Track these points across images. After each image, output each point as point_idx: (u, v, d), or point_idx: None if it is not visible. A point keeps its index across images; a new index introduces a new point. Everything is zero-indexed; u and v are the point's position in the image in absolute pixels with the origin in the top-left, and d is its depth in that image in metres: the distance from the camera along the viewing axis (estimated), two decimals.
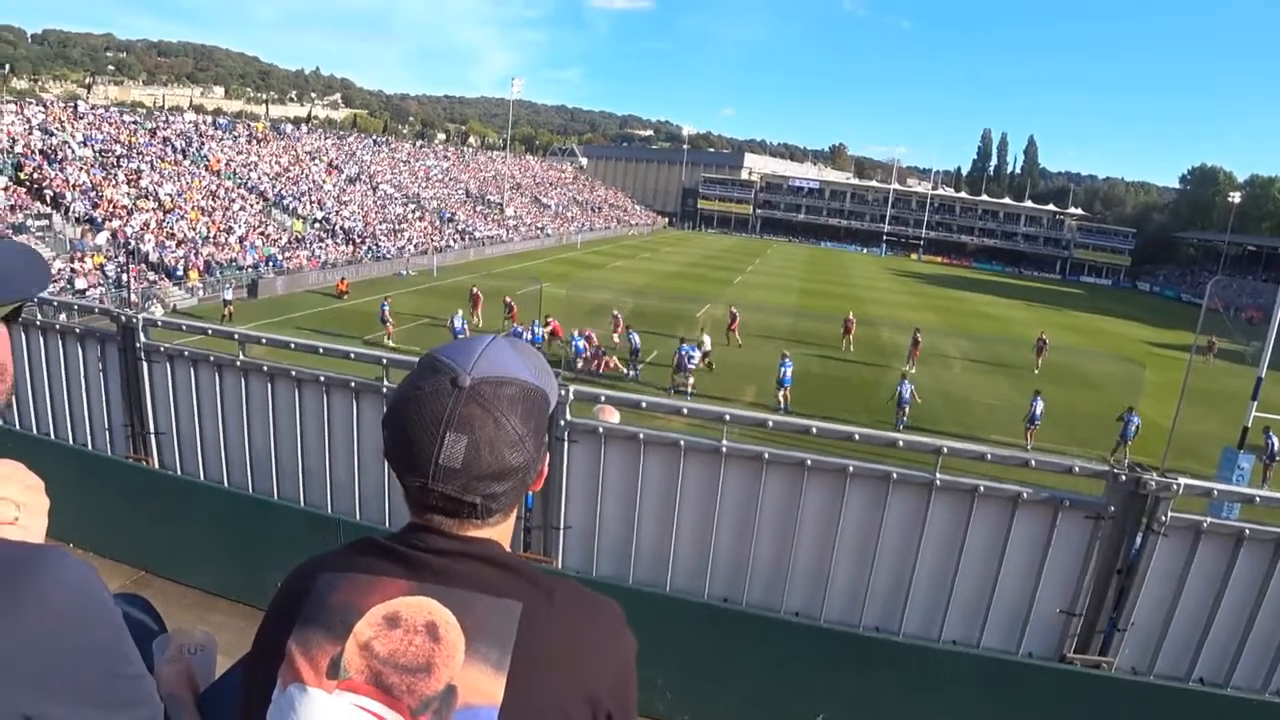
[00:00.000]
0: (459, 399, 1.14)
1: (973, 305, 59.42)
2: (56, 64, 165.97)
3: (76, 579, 0.98)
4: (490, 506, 1.18)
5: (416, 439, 1.14)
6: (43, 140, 41.72)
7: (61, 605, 0.95)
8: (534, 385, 1.22)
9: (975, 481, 3.94)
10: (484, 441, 1.14)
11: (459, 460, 1.13)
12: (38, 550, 0.99)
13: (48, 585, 0.95)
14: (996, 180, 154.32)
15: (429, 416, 1.14)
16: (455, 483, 1.14)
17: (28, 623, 0.91)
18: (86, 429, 5.95)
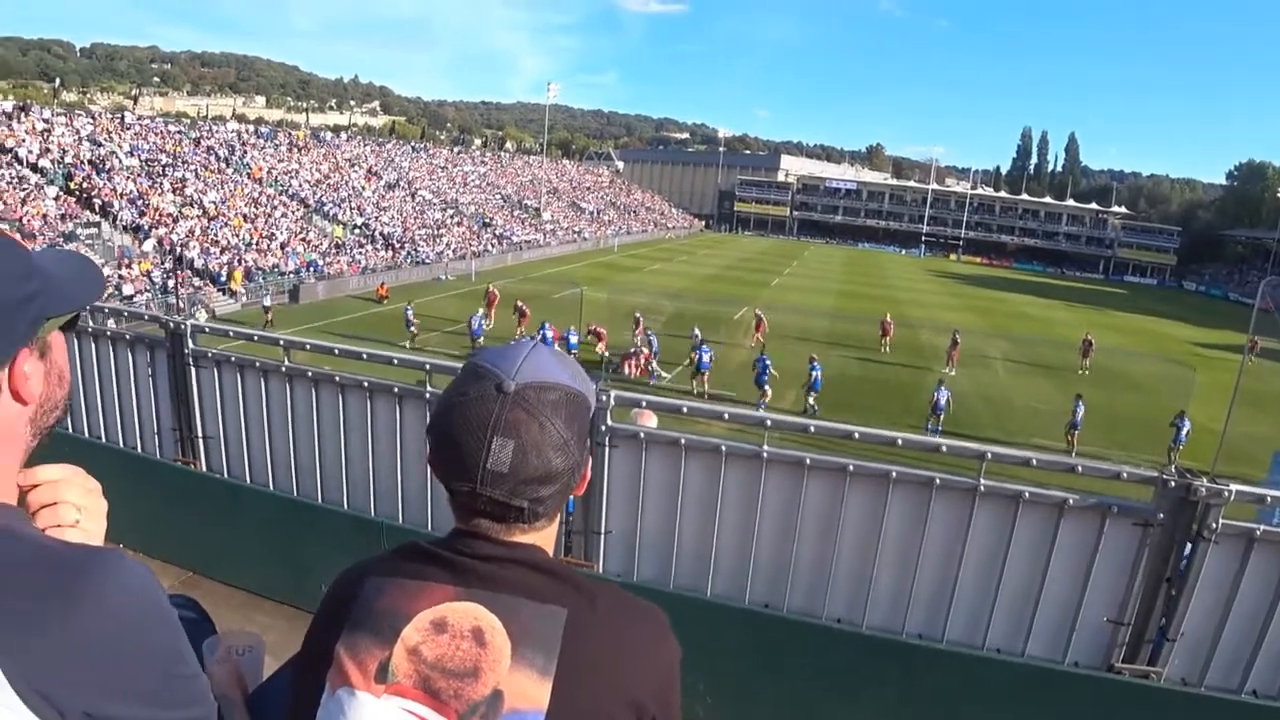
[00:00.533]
0: (504, 404, 1.15)
1: (1013, 306, 58.53)
2: (104, 76, 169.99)
3: (135, 581, 1.00)
4: (537, 510, 1.19)
5: (464, 444, 1.16)
6: (91, 151, 42.68)
7: (121, 606, 0.97)
8: (576, 390, 1.23)
9: (1020, 487, 3.88)
10: (530, 445, 1.15)
11: (506, 464, 1.14)
12: (97, 552, 1.01)
13: (108, 586, 0.97)
14: (1037, 179, 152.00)
15: (476, 422, 1.16)
16: (503, 487, 1.15)
17: (88, 623, 0.93)
18: (137, 433, 6.07)
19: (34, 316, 1.02)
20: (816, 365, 23.64)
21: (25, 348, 1.03)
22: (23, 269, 1.02)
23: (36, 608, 0.92)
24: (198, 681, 1.08)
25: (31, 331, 1.03)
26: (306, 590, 5.19)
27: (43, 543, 1.02)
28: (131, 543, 5.87)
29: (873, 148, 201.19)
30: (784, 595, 4.26)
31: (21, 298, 1.00)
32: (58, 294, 1.06)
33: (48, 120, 44.05)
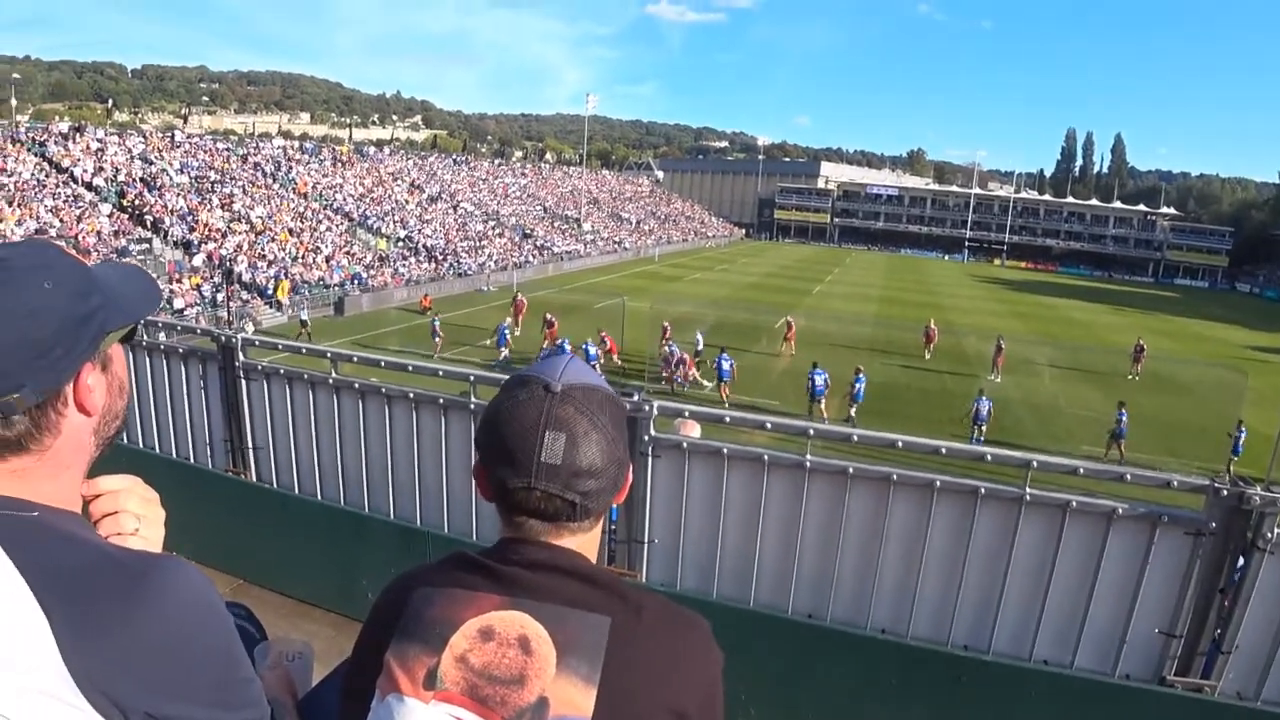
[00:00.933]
0: (553, 402, 1.21)
1: (1060, 311, 57.45)
2: (155, 97, 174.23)
3: (194, 586, 1.05)
4: (587, 505, 1.23)
5: (517, 441, 1.20)
6: (143, 169, 43.74)
7: (181, 610, 1.02)
8: (615, 395, 1.29)
9: (1067, 496, 3.81)
10: (580, 437, 1.20)
11: (559, 456, 1.19)
12: (158, 558, 1.06)
13: (168, 591, 1.01)
14: (1082, 181, 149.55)
15: (528, 421, 1.21)
16: (557, 480, 1.19)
17: (150, 626, 0.98)
18: (190, 444, 6.20)
19: (96, 331, 1.07)
20: (861, 378, 23.10)
21: (89, 361, 1.07)
22: (85, 285, 1.07)
23: (101, 610, 0.96)
24: (253, 685, 1.12)
25: (94, 346, 1.07)
26: (354, 598, 5.26)
27: (106, 548, 1.07)
28: (184, 551, 5.94)
29: (914, 153, 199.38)
30: (828, 605, 4.23)
31: (85, 314, 1.05)
32: (117, 308, 1.11)
33: (101, 140, 45.25)
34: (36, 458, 1.05)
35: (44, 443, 1.05)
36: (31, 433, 1.03)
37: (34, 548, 0.98)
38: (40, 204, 35.62)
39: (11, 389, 0.99)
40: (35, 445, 1.04)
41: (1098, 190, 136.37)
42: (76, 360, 1.05)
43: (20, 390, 0.99)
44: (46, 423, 1.04)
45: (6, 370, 0.98)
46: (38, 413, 1.03)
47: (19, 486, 1.04)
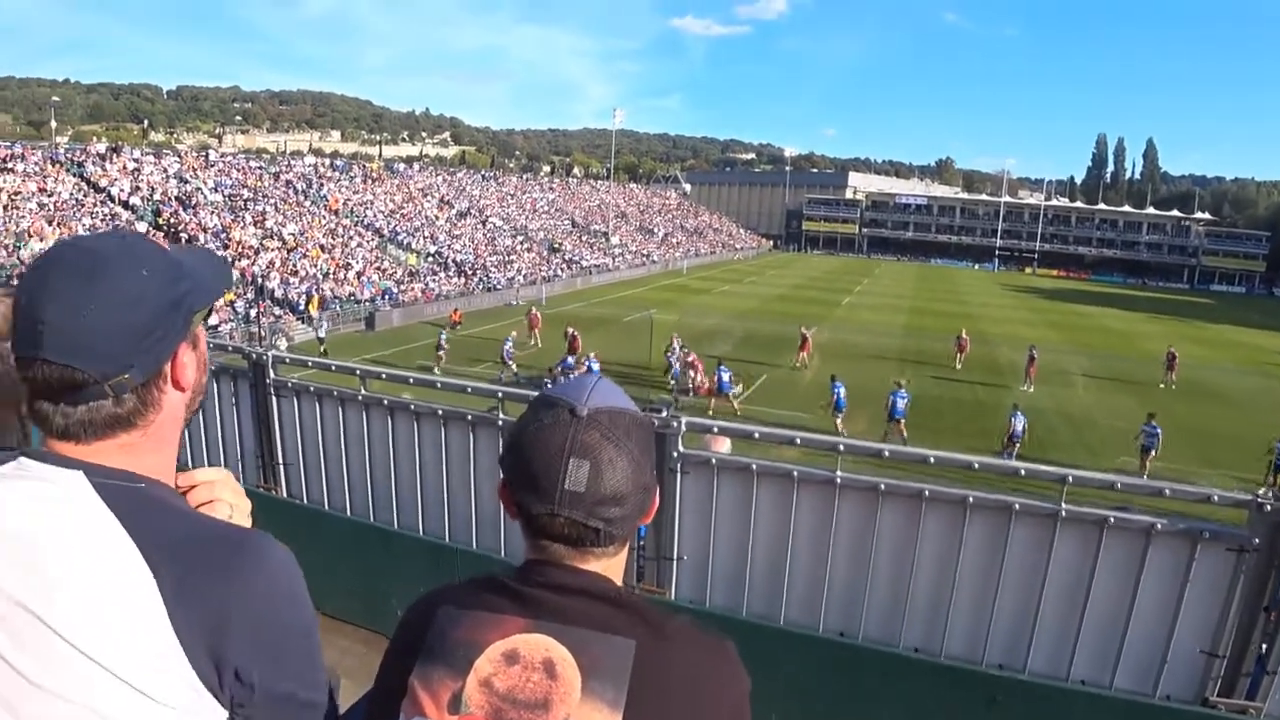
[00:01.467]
0: (578, 426, 1.19)
1: (1093, 319, 56.53)
2: (189, 117, 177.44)
3: (287, 561, 1.15)
4: (611, 532, 1.21)
5: (541, 467, 1.19)
6: (178, 187, 44.43)
7: (274, 582, 1.12)
8: (643, 417, 1.27)
9: (1104, 512, 3.73)
10: (605, 465, 1.18)
11: (583, 484, 1.17)
12: (254, 533, 1.17)
13: (264, 563, 1.12)
14: (1114, 187, 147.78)
15: (553, 445, 1.19)
16: (580, 508, 1.17)
17: (247, 593, 1.08)
18: (221, 458, 6.25)
19: (187, 312, 1.18)
20: (901, 393, 22.13)
21: (184, 340, 1.18)
22: (174, 270, 1.16)
23: (204, 575, 1.06)
24: (324, 673, 1.22)
25: (187, 326, 1.18)
26: (383, 614, 5.27)
27: (207, 520, 1.20)
28: None
29: (942, 162, 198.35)
30: (859, 623, 4.18)
31: (177, 297, 1.15)
32: (201, 289, 1.21)
33: (137, 160, 46.03)
34: (142, 433, 1.14)
35: (149, 418, 1.14)
36: (139, 409, 1.13)
37: (143, 516, 1.08)
38: (78, 223, 36.27)
39: (122, 370, 1.09)
40: (141, 421, 1.14)
41: (1130, 196, 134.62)
42: (174, 340, 1.15)
43: (129, 371, 1.10)
44: (151, 399, 1.14)
45: (115, 353, 1.08)
46: (143, 390, 1.13)
47: (126, 460, 1.13)
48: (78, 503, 1.07)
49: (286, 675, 1.14)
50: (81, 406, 1.10)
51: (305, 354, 24.64)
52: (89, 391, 1.09)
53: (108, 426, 1.12)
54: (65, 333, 1.06)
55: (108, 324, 1.07)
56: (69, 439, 1.12)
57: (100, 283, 1.08)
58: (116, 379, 1.09)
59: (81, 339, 1.06)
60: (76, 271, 1.09)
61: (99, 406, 1.10)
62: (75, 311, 1.06)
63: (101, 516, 1.06)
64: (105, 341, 1.07)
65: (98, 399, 1.10)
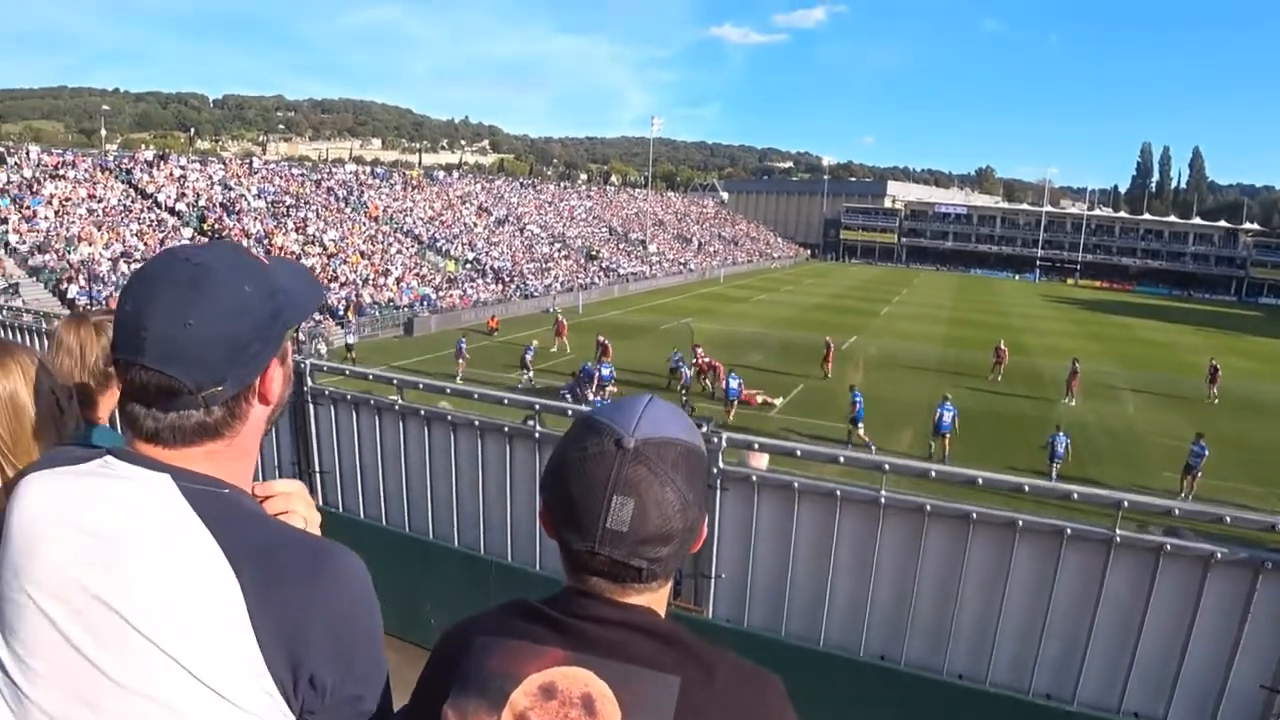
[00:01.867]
0: (624, 460, 1.12)
1: (1137, 331, 55.45)
2: (234, 125, 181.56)
3: (362, 572, 1.18)
4: (654, 570, 1.14)
5: (582, 502, 1.12)
6: (223, 194, 45.36)
7: (351, 591, 1.14)
8: (693, 444, 1.19)
9: (1160, 539, 3.58)
10: (651, 504, 1.10)
11: (626, 524, 1.10)
12: (332, 544, 1.18)
13: (342, 572, 1.14)
14: (1159, 197, 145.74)
15: (595, 479, 1.12)
16: (622, 547, 1.11)
17: (326, 600, 1.10)
18: (259, 466, 6.26)
19: (282, 328, 1.19)
20: (948, 405, 21.60)
21: (275, 356, 1.19)
22: (272, 286, 1.17)
23: (285, 580, 1.08)
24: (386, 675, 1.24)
25: (280, 340, 1.19)
26: (417, 625, 5.23)
27: (288, 528, 1.20)
28: None
29: (982, 170, 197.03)
30: (902, 647, 4.06)
31: (273, 312, 1.16)
32: (295, 305, 1.22)
33: (184, 167, 47.09)
34: (227, 442, 1.17)
35: (235, 429, 1.16)
36: (227, 420, 1.15)
37: (228, 521, 1.10)
38: (126, 228, 37.07)
39: (216, 381, 1.11)
40: (228, 431, 1.16)
41: (1176, 206, 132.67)
42: (268, 356, 1.17)
43: (223, 383, 1.12)
44: (239, 411, 1.16)
45: (214, 364, 1.10)
46: (233, 402, 1.15)
47: (210, 466, 1.15)
48: (164, 504, 1.09)
49: (356, 680, 1.15)
50: (173, 413, 1.12)
51: (341, 360, 24.97)
52: (182, 400, 1.11)
53: (195, 434, 1.14)
54: (166, 341, 1.08)
55: (208, 335, 1.09)
56: (157, 442, 1.14)
57: (205, 294, 1.10)
58: (210, 390, 1.11)
59: (181, 348, 1.08)
60: (183, 281, 1.10)
61: (189, 415, 1.12)
62: (178, 321, 1.08)
63: (188, 519, 1.08)
64: (204, 352, 1.09)
65: (189, 408, 1.12)
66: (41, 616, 1.07)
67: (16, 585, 1.10)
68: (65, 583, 1.07)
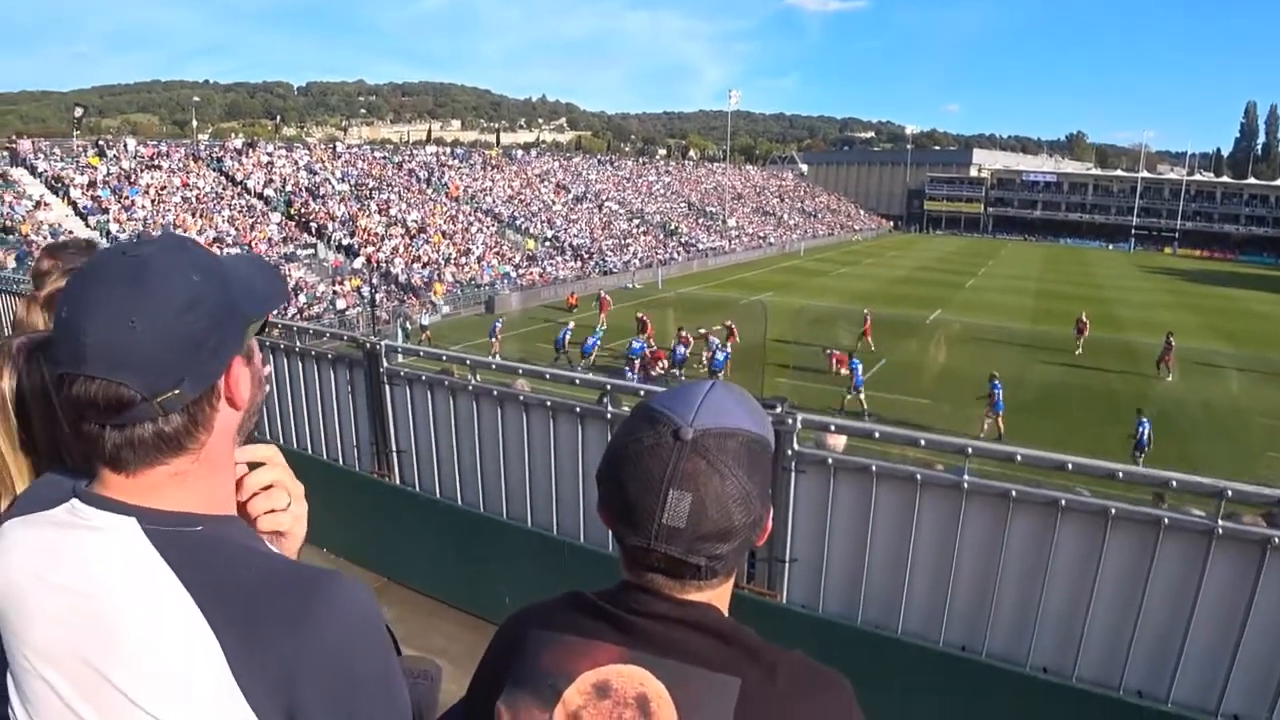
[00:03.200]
0: (681, 452, 1.06)
1: (1240, 303, 52.48)
2: (318, 111, 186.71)
3: (360, 602, 1.07)
4: (714, 567, 1.10)
5: (637, 497, 1.08)
6: (308, 179, 46.64)
7: (348, 624, 1.04)
8: (757, 434, 1.12)
9: (1268, 531, 3.33)
10: (710, 499, 1.05)
11: (683, 520, 1.05)
12: (323, 574, 1.07)
13: (334, 609, 1.03)
14: (1265, 160, 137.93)
15: (651, 472, 1.07)
16: (679, 544, 1.06)
17: (315, 643, 1.00)
18: (339, 446, 6.40)
19: (242, 321, 1.09)
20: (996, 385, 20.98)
21: (238, 353, 1.09)
22: (225, 276, 1.07)
23: (269, 627, 0.99)
24: (405, 709, 1.13)
25: (241, 336, 1.09)
26: (490, 601, 5.30)
27: (272, 561, 1.11)
28: (333, 548, 6.23)
29: (1073, 136, 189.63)
30: (983, 638, 3.90)
31: (231, 303, 1.06)
32: (256, 298, 1.12)
33: (270, 154, 48.57)
34: (194, 457, 1.06)
35: (199, 439, 1.06)
36: (189, 429, 1.04)
37: (201, 565, 1.01)
38: (218, 214, 38.38)
39: (173, 384, 1.00)
40: (192, 443, 1.05)
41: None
42: (229, 352, 1.07)
43: (180, 385, 1.01)
44: (202, 418, 1.06)
45: (167, 366, 0.99)
46: (194, 408, 1.04)
47: (180, 492, 1.06)
48: (132, 555, 1.01)
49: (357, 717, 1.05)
50: (128, 428, 1.01)
51: (416, 340, 25.31)
52: (137, 410, 1.00)
53: (156, 449, 1.03)
54: (110, 345, 0.97)
55: (157, 333, 0.98)
56: (119, 466, 1.04)
57: (148, 288, 1.00)
58: (166, 395, 1.00)
59: (128, 351, 0.98)
60: (121, 277, 1.00)
61: (145, 426, 1.01)
62: (121, 321, 0.97)
63: (158, 571, 1.00)
64: (154, 353, 0.98)
65: (145, 418, 1.01)
66: (43, 682, 1.01)
67: (15, 647, 1.05)
68: (54, 647, 1.01)
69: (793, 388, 23.61)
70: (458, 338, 28.57)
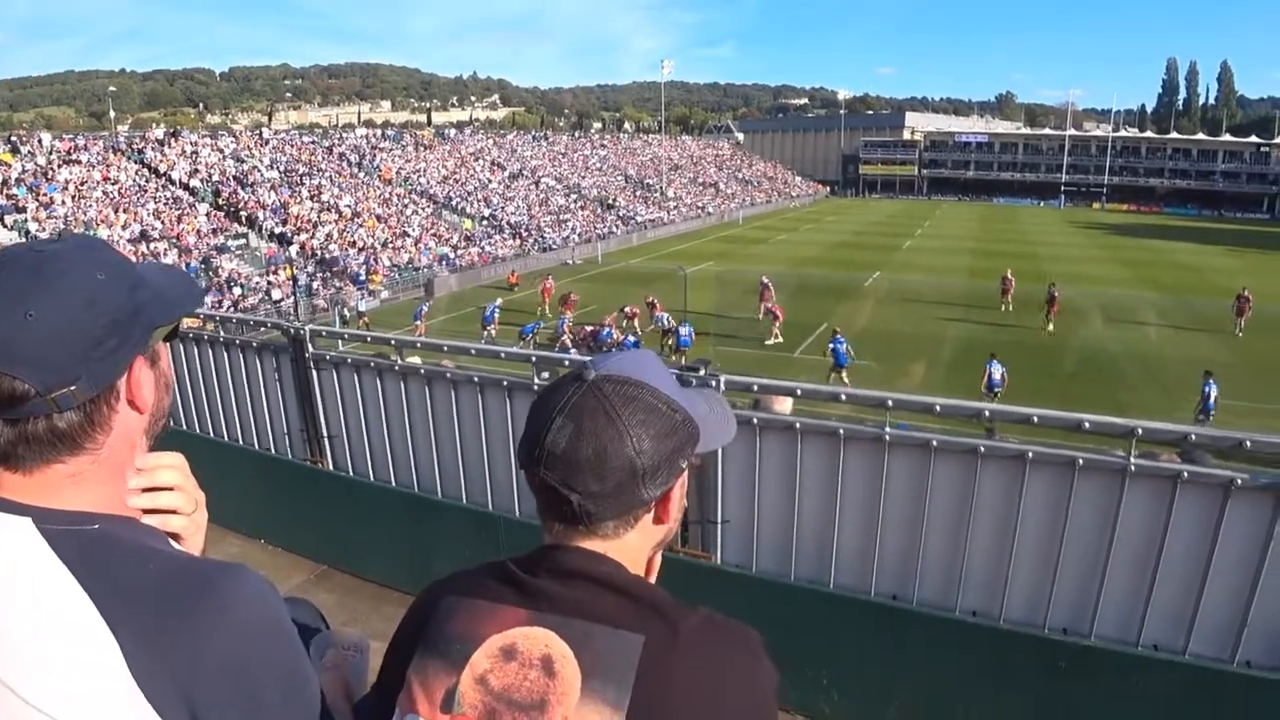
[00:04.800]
0: (578, 390, 1.13)
1: (1167, 255, 53.61)
2: (243, 97, 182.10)
3: (259, 596, 1.05)
4: (589, 509, 1.10)
5: (533, 424, 1.14)
6: (235, 167, 45.45)
7: (246, 620, 1.02)
8: (665, 397, 1.15)
9: (1178, 466, 3.38)
10: (588, 431, 1.09)
11: (561, 446, 1.09)
12: (224, 568, 1.05)
13: (235, 600, 1.02)
14: (1187, 115, 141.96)
15: (548, 404, 1.14)
16: (556, 470, 1.10)
17: (216, 640, 0.98)
18: (269, 435, 6.30)
19: (147, 324, 1.08)
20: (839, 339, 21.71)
21: (141, 355, 1.08)
22: (134, 278, 1.07)
23: (169, 625, 0.97)
24: (314, 701, 1.13)
25: (146, 339, 1.08)
26: (430, 581, 5.26)
27: (171, 557, 1.08)
28: (270, 539, 6.14)
29: (1002, 96, 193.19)
30: (913, 587, 3.97)
31: (136, 306, 1.05)
32: (165, 302, 1.12)
33: (195, 143, 47.16)
34: (92, 458, 1.05)
35: (97, 439, 1.04)
36: (85, 428, 1.03)
37: (98, 564, 0.99)
38: (142, 208, 37.27)
39: (68, 381, 0.99)
40: (89, 443, 1.04)
41: (1204, 124, 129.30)
42: (129, 353, 1.06)
43: (76, 382, 0.99)
44: (99, 417, 1.04)
45: (62, 362, 0.98)
46: (91, 407, 1.03)
47: (77, 493, 1.04)
48: (28, 556, 0.98)
49: (264, 716, 1.04)
50: (21, 423, 0.99)
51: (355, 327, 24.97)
52: (30, 405, 0.97)
53: (50, 445, 1.01)
54: (6, 337, 0.95)
55: (54, 328, 0.97)
56: (14, 464, 1.01)
57: (48, 281, 0.99)
58: (60, 391, 0.98)
59: (22, 344, 0.96)
60: (21, 268, 0.99)
61: (38, 421, 0.99)
62: (17, 311, 0.96)
63: (54, 571, 0.97)
64: (50, 348, 0.97)
65: (40, 413, 0.99)
66: None
67: None
68: None
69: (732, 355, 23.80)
70: (396, 322, 28.13)
